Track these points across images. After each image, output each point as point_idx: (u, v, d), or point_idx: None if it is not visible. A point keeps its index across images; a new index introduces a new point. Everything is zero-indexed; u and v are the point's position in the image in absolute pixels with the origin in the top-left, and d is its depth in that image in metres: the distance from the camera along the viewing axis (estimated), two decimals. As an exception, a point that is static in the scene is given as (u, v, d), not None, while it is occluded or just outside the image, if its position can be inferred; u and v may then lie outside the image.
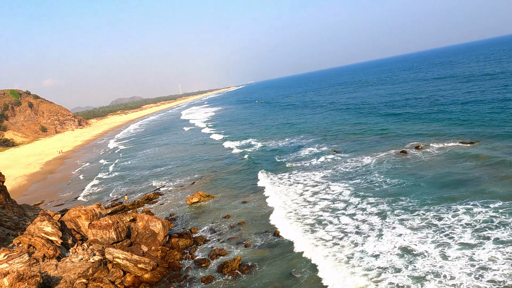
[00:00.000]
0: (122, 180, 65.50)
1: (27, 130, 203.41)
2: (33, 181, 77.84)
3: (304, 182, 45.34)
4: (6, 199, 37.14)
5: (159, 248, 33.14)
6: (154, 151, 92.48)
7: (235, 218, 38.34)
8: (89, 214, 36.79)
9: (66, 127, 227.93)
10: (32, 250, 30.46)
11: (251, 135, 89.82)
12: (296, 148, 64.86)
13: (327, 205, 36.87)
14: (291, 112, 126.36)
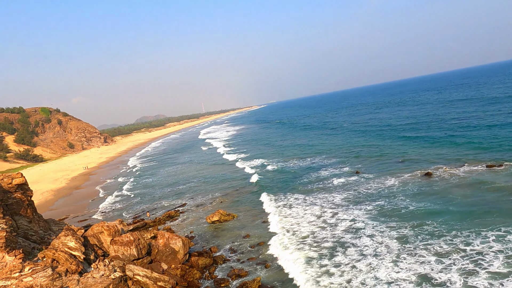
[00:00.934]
0: (144, 197, 66.40)
1: (55, 146, 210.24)
2: (59, 196, 79.88)
3: (324, 203, 44.76)
4: (33, 213, 38.14)
5: (178, 266, 33.15)
6: (175, 169, 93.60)
7: (255, 238, 38.04)
8: (112, 230, 37.30)
9: (92, 144, 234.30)
10: (56, 265, 31.00)
11: (270, 155, 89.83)
12: (317, 169, 64.32)
13: (347, 227, 36.16)
14: (310, 133, 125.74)
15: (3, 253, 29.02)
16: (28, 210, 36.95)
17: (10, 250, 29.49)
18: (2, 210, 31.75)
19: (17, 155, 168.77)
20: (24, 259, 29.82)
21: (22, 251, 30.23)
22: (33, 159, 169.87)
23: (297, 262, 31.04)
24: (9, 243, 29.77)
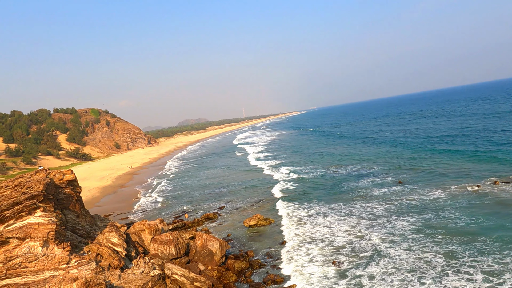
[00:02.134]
0: (183, 198, 67.92)
1: (103, 146, 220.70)
2: (105, 193, 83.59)
3: (362, 213, 43.59)
4: (81, 209, 40.13)
5: (215, 268, 33.50)
6: (213, 172, 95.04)
7: (292, 244, 37.66)
8: (152, 228, 38.44)
9: (137, 145, 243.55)
10: (100, 259, 32.37)
11: (306, 163, 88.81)
12: (355, 178, 62.77)
13: (386, 239, 34.93)
14: (349, 141, 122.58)
15: (52, 245, 30.72)
16: (76, 205, 38.90)
17: (59, 243, 31.16)
18: (53, 204, 33.65)
19: (68, 153, 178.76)
20: (71, 251, 31.39)
21: (69, 244, 31.85)
22: (82, 157, 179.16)
23: (331, 271, 30.41)
24: (59, 235, 31.48)
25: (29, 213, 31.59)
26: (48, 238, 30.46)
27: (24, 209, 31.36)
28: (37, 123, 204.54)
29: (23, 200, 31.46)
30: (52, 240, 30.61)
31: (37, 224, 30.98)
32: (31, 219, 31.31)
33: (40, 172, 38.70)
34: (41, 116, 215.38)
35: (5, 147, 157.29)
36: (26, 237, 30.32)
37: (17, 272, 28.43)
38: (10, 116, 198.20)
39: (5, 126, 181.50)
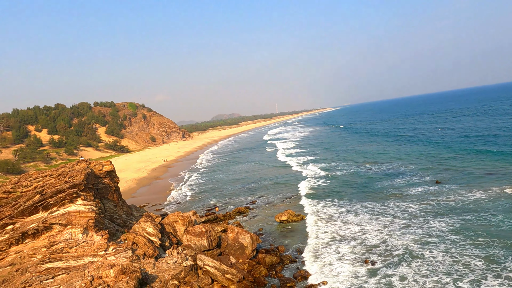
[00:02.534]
0: (215, 191, 68.92)
1: (139, 139, 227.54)
2: (141, 185, 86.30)
3: (397, 212, 42.49)
4: (119, 198, 41.72)
5: (246, 262, 33.84)
6: (245, 167, 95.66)
7: (324, 241, 37.38)
8: (186, 220, 39.34)
9: (171, 139, 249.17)
10: (135, 247, 33.54)
11: (338, 160, 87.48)
12: (390, 176, 61.17)
13: (422, 240, 33.90)
14: (383, 139, 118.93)
15: (92, 232, 32.13)
16: (114, 195, 40.45)
17: (98, 230, 32.56)
18: (93, 193, 35.16)
19: (107, 145, 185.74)
20: (109, 239, 32.72)
21: (107, 232, 33.19)
22: (120, 149, 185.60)
23: (361, 270, 29.95)
24: (98, 223, 32.89)
25: (71, 201, 33.19)
26: (88, 226, 31.88)
27: (67, 197, 32.98)
28: (78, 116, 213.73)
29: (66, 189, 33.08)
30: (91, 228, 32.02)
31: (78, 212, 32.50)
32: (73, 207, 32.88)
33: (81, 162, 40.50)
34: (82, 109, 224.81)
35: (49, 139, 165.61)
36: (68, 224, 31.88)
37: (59, 256, 30.00)
38: (54, 109, 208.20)
39: (50, 118, 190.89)
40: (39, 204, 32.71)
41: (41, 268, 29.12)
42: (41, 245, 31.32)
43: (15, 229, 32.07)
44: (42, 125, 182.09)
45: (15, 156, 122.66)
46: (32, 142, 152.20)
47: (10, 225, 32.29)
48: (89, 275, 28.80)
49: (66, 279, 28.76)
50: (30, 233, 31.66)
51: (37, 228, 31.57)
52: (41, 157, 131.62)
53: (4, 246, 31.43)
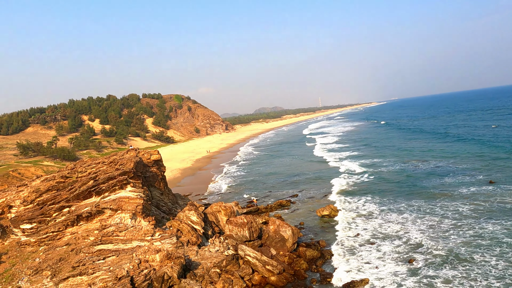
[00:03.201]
0: (257, 184, 69.49)
1: (184, 130, 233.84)
2: (185, 175, 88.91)
3: (445, 212, 40.62)
4: (165, 187, 43.27)
5: (286, 254, 33.98)
6: (287, 161, 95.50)
7: (365, 238, 36.68)
8: (228, 210, 40.10)
9: (215, 130, 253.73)
10: (180, 234, 34.75)
11: (383, 156, 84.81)
12: (439, 175, 58.44)
13: (472, 242, 32.21)
14: (430, 136, 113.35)
15: (140, 218, 33.67)
16: (161, 184, 41.98)
17: (145, 216, 34.06)
18: (141, 181, 36.72)
19: (153, 135, 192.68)
20: (155, 225, 34.13)
21: (154, 218, 34.63)
22: (165, 140, 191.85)
23: (404, 269, 29.06)
24: (145, 210, 34.39)
25: (121, 188, 34.91)
26: (136, 212, 33.43)
27: (117, 184, 34.72)
28: (128, 107, 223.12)
29: (117, 176, 34.81)
30: (139, 214, 33.55)
31: (127, 198, 34.14)
32: (123, 193, 34.58)
33: (131, 151, 42.37)
34: (131, 100, 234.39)
35: (101, 128, 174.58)
36: (118, 209, 33.61)
37: (110, 239, 31.76)
38: (106, 100, 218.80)
39: (102, 109, 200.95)
40: (93, 189, 34.71)
41: (94, 249, 31.00)
42: (93, 227, 33.32)
43: (71, 212, 34.32)
44: (95, 115, 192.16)
45: (70, 144, 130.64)
46: (85, 131, 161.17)
47: (67, 208, 34.59)
48: (137, 258, 30.27)
49: (116, 260, 30.44)
50: (84, 216, 33.75)
51: (90, 211, 33.58)
52: (93, 145, 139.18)
53: (61, 227, 33.78)
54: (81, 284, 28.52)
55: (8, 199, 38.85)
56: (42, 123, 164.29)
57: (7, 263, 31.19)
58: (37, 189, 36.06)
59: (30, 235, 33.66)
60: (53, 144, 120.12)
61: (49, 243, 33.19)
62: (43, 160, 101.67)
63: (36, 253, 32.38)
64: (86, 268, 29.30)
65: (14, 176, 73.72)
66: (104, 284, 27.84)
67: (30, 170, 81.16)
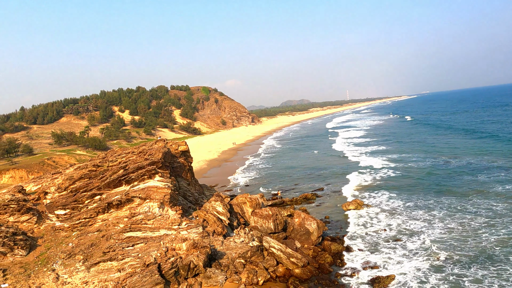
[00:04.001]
0: (282, 177, 69.44)
1: (211, 122, 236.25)
2: (211, 166, 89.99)
3: (478, 210, 39.28)
4: (192, 177, 44.00)
5: (311, 247, 33.91)
6: (312, 154, 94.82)
7: (391, 233, 36.06)
8: (253, 202, 40.35)
9: (241, 123, 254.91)
10: (206, 225, 35.34)
11: (413, 151, 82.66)
12: (473, 172, 56.44)
13: (505, 242, 31.01)
14: (460, 132, 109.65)
15: (167, 207, 34.43)
16: (188, 174, 42.69)
17: (172, 206, 34.79)
18: (169, 171, 37.47)
19: (181, 126, 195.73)
20: (182, 215, 34.82)
21: (181, 208, 35.32)
22: (193, 131, 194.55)
23: (430, 267, 28.41)
24: (172, 199, 35.11)
25: (150, 177, 35.76)
26: (164, 201, 34.20)
27: (146, 173, 35.58)
28: (156, 98, 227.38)
29: (146, 165, 35.66)
30: (167, 203, 34.30)
31: (155, 187, 34.96)
32: (151, 182, 35.42)
33: (159, 142, 43.25)
34: (160, 92, 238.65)
35: (130, 119, 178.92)
36: (147, 198, 34.48)
37: (139, 227, 32.68)
38: (135, 92, 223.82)
39: (131, 100, 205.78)
40: (123, 178, 35.74)
41: (123, 236, 32.02)
42: (123, 215, 34.37)
43: (102, 199, 35.51)
44: (125, 106, 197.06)
45: (101, 134, 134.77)
46: (116, 121, 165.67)
47: (98, 195, 35.81)
48: (164, 246, 31.06)
49: (144, 248, 31.34)
50: (114, 204, 34.85)
51: (120, 199, 34.62)
52: (123, 135, 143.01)
53: (92, 213, 35.04)
54: (111, 269, 29.58)
55: (43, 185, 40.63)
56: (75, 113, 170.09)
57: (42, 246, 32.72)
58: (70, 177, 37.50)
59: (64, 221, 35.11)
60: (85, 134, 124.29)
61: (82, 229, 34.53)
62: (75, 149, 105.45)
63: (69, 238, 33.78)
64: (116, 254, 30.34)
65: (49, 164, 76.90)
66: (133, 270, 28.76)
67: (64, 159, 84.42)
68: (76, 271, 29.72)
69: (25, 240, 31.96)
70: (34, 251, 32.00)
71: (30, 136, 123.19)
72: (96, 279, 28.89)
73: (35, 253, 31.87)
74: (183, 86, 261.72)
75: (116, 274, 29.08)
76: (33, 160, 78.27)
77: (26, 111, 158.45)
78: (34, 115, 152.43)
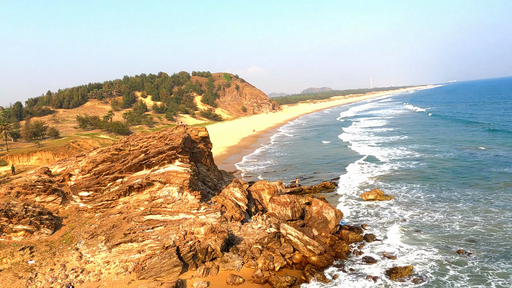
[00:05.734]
0: (301, 164, 69.20)
1: (232, 108, 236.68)
2: (231, 152, 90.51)
3: (508, 204, 38.15)
4: (211, 163, 44.40)
5: (328, 236, 33.87)
6: (332, 143, 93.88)
7: (411, 225, 35.56)
8: (272, 189, 40.46)
9: (261, 110, 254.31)
10: (224, 210, 35.74)
11: (436, 141, 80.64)
12: (501, 164, 54.75)
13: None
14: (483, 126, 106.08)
15: (187, 192, 34.95)
16: (207, 160, 43.08)
17: (191, 190, 35.30)
18: (189, 156, 37.90)
19: (202, 113, 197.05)
20: (201, 200, 35.31)
21: (200, 193, 35.80)
22: (213, 117, 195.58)
23: (450, 259, 27.89)
24: (192, 184, 35.60)
25: (170, 162, 36.30)
26: (183, 185, 34.71)
27: (166, 158, 36.12)
28: (178, 84, 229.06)
29: (166, 150, 36.18)
30: (186, 188, 34.82)
31: (175, 172, 35.48)
32: (171, 167, 35.96)
33: (180, 127, 43.70)
34: (181, 78, 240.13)
35: (152, 104, 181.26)
36: (167, 182, 35.08)
37: (159, 210, 33.37)
38: (157, 77, 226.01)
39: (154, 86, 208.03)
40: (144, 162, 36.42)
41: (143, 218, 32.79)
42: (144, 198, 35.14)
43: (123, 183, 36.36)
44: (147, 92, 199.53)
45: (124, 119, 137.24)
46: (138, 107, 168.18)
47: (120, 179, 36.67)
48: (183, 230, 31.65)
49: (163, 231, 32.03)
50: (135, 187, 35.64)
51: (141, 183, 35.36)
52: (145, 120, 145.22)
53: (114, 196, 35.97)
54: (131, 250, 30.43)
55: (68, 168, 41.89)
56: (99, 98, 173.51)
57: (67, 226, 33.92)
58: (93, 160, 38.48)
59: (87, 202, 36.21)
60: (108, 118, 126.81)
61: (104, 211, 35.55)
62: (99, 133, 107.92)
63: (92, 219, 34.87)
64: (136, 235, 31.15)
65: (73, 147, 79.07)
66: (153, 252, 29.49)
67: (88, 142, 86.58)
68: (98, 251, 30.73)
69: (51, 220, 33.19)
70: (59, 231, 33.23)
71: (56, 120, 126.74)
72: (117, 259, 29.80)
73: (60, 232, 33.09)
74: (204, 73, 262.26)
75: (136, 255, 29.92)
76: (59, 143, 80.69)
77: (53, 95, 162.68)
78: (60, 99, 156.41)
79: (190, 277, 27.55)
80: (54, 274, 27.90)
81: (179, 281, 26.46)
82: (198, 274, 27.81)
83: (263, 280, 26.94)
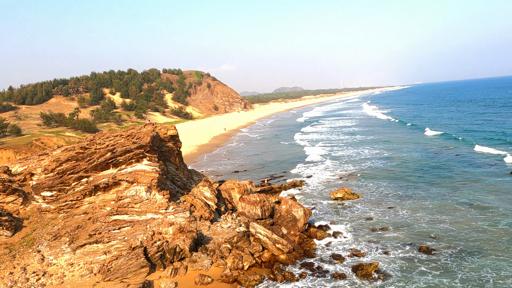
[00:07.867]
0: (272, 163, 69.64)
1: (203, 107, 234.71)
2: (202, 151, 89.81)
3: (472, 202, 39.93)
4: (180, 162, 43.81)
5: (297, 234, 34.27)
6: (303, 142, 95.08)
7: (379, 223, 36.58)
8: (242, 188, 40.47)
9: (233, 108, 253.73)
10: (193, 209, 35.40)
11: (405, 143, 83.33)
12: (464, 163, 57.25)
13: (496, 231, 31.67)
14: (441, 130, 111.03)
15: (155, 191, 34.36)
16: (176, 159, 42.48)
17: (160, 190, 34.72)
18: (157, 155, 37.25)
19: (172, 111, 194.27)
20: (169, 199, 34.79)
21: (168, 192, 35.27)
22: (184, 116, 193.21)
23: (413, 256, 28.91)
24: (160, 183, 35.02)
25: (137, 161, 35.52)
26: (152, 185, 34.09)
27: (134, 157, 35.33)
28: (148, 82, 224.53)
29: (133, 149, 35.39)
30: (154, 187, 34.21)
31: (143, 171, 34.78)
32: (139, 166, 35.22)
33: (148, 125, 42.84)
34: (152, 75, 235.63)
35: (121, 102, 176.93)
36: (134, 181, 34.33)
37: (125, 210, 32.62)
38: (127, 74, 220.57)
39: (123, 82, 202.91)
40: (110, 161, 35.46)
41: (110, 219, 31.96)
42: (110, 198, 34.24)
43: (89, 182, 35.28)
44: (116, 89, 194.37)
45: (91, 116, 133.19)
46: (106, 104, 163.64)
47: (85, 178, 35.55)
48: (150, 230, 31.10)
49: (130, 231, 31.36)
50: (101, 187, 34.66)
51: (107, 182, 34.44)
52: (114, 118, 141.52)
53: (79, 196, 34.85)
54: (97, 251, 29.61)
55: (30, 167, 40.18)
56: (65, 94, 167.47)
57: (28, 228, 32.55)
58: (57, 159, 37.10)
59: (50, 202, 34.88)
60: (74, 115, 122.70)
61: (68, 211, 34.37)
62: (65, 131, 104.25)
63: (55, 219, 33.63)
64: (102, 236, 30.33)
65: (37, 145, 76.01)
66: (119, 253, 28.81)
67: (52, 140, 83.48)
68: (61, 253, 29.70)
69: (10, 221, 31.75)
70: (19, 232, 31.85)
71: (18, 117, 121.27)
72: (82, 261, 28.92)
73: (21, 234, 31.73)
74: (175, 70, 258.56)
75: (102, 257, 29.14)
76: (21, 141, 77.29)
77: (15, 91, 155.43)
78: (22, 95, 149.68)
79: (157, 277, 27.14)
80: (13, 278, 26.74)
81: (146, 282, 26.00)
82: (166, 275, 27.44)
83: (232, 279, 26.91)
